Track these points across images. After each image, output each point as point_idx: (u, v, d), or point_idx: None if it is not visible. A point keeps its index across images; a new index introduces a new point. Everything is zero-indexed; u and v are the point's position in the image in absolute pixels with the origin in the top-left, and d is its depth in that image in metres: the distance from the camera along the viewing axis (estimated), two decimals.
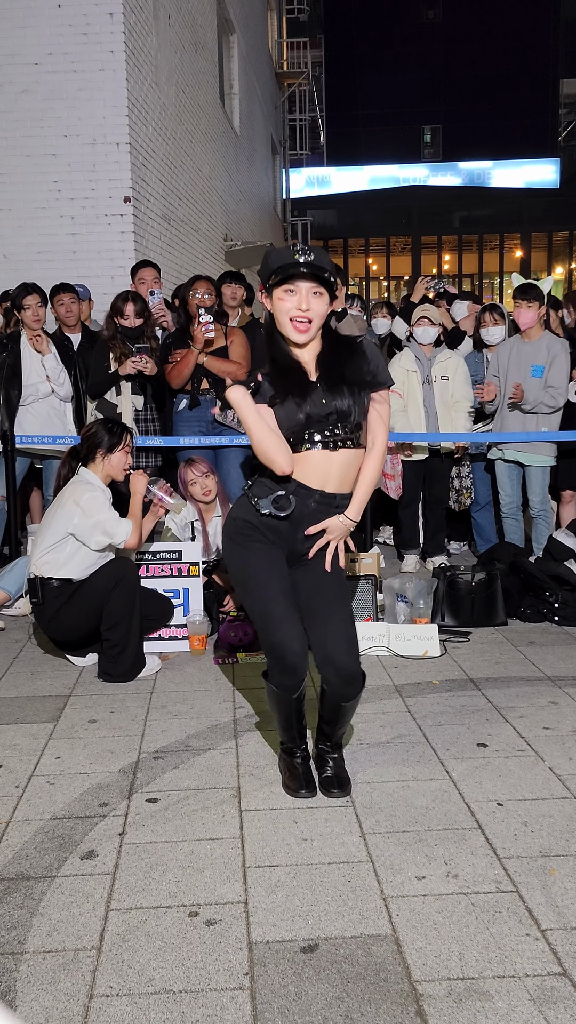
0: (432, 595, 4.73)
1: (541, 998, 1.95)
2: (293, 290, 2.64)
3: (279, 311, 2.68)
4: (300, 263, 2.61)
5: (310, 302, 2.64)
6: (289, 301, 2.65)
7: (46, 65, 8.12)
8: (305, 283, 2.63)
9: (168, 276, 8.50)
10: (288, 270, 2.61)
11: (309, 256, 2.63)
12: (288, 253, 2.65)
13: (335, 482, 2.75)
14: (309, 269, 2.61)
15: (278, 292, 2.66)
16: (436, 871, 2.44)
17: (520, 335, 5.51)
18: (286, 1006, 1.94)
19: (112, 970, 2.07)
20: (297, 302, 2.64)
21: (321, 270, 2.62)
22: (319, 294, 2.65)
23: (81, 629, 4.06)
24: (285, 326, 2.68)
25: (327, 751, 2.96)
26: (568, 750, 3.20)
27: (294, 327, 2.66)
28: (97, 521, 3.97)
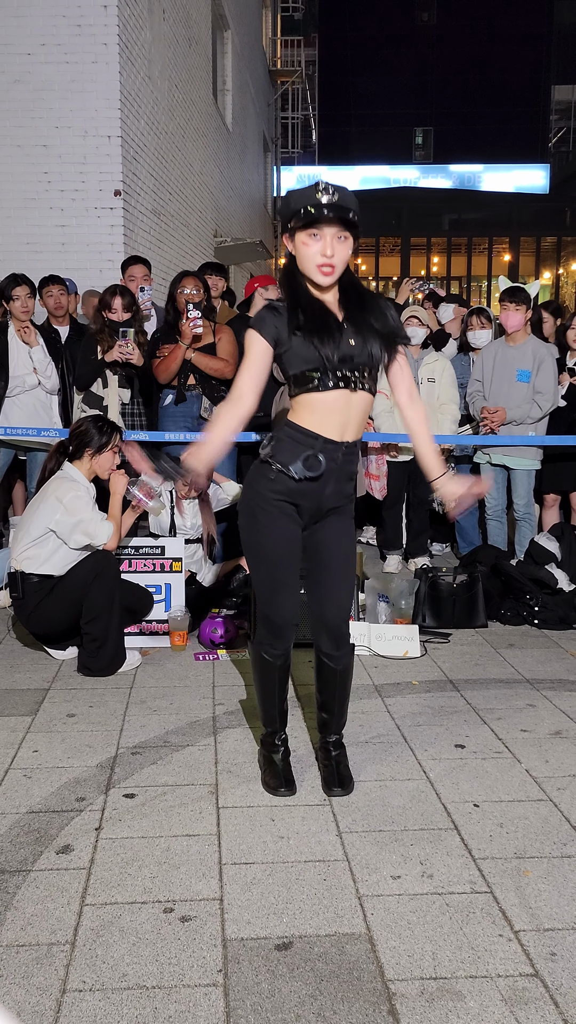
0: (414, 596, 4.75)
1: (513, 999, 1.96)
2: (317, 234, 2.53)
3: (303, 256, 2.57)
4: (324, 205, 2.48)
5: (335, 247, 2.53)
6: (313, 246, 2.54)
7: (39, 56, 8.08)
8: (330, 227, 2.52)
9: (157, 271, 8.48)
10: (311, 214, 2.49)
11: (333, 196, 2.49)
12: (311, 192, 2.51)
13: (354, 428, 2.68)
14: (333, 212, 2.48)
15: (301, 236, 2.55)
16: (411, 871, 2.45)
17: (505, 338, 5.53)
18: (259, 1003, 1.95)
19: (85, 965, 2.07)
20: (322, 248, 2.53)
21: (346, 211, 2.50)
22: (344, 238, 2.55)
23: (61, 623, 4.04)
24: (310, 270, 2.58)
25: (330, 746, 2.96)
26: (545, 752, 3.22)
27: (320, 271, 2.56)
28: (79, 520, 3.96)
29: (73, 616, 3.99)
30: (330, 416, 2.64)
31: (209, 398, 5.21)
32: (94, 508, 4.04)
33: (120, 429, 4.28)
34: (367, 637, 4.34)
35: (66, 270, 7.00)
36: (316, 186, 2.53)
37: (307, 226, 2.53)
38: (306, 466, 2.65)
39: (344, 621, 2.86)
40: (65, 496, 3.99)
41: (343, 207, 2.51)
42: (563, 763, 3.14)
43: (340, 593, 2.82)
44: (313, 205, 2.50)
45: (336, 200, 2.50)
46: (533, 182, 33.91)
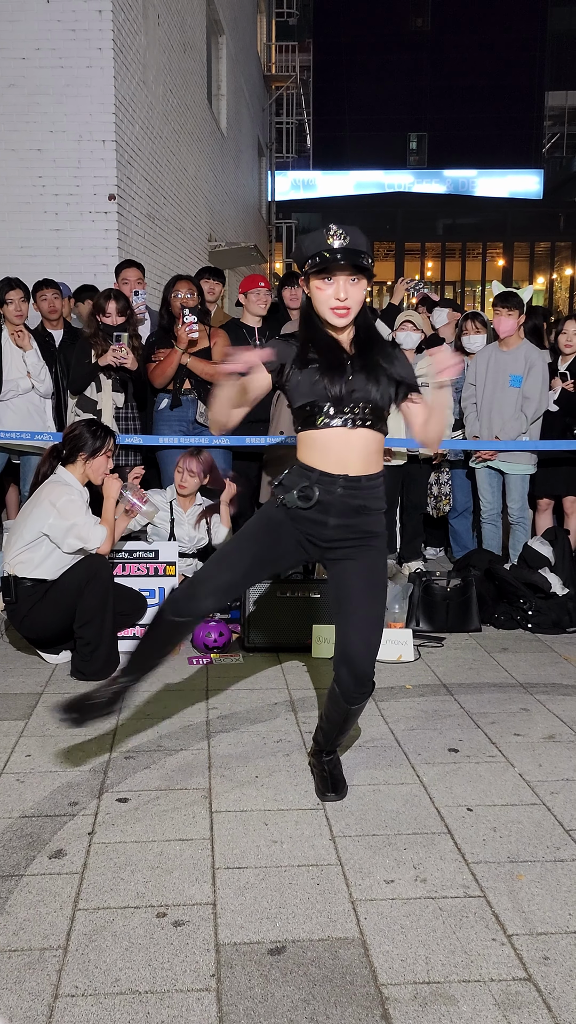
0: (407, 600, 4.75)
1: (506, 1003, 1.96)
2: (330, 280, 2.57)
3: (318, 300, 2.61)
4: (335, 250, 2.52)
5: (348, 291, 2.57)
6: (327, 290, 2.59)
7: (33, 60, 8.09)
8: (342, 272, 2.56)
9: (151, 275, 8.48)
10: (325, 260, 2.53)
11: (344, 240, 2.54)
12: (321, 237, 2.56)
13: (357, 464, 2.69)
14: (345, 258, 2.52)
15: (315, 281, 2.60)
16: (405, 875, 2.45)
17: (498, 343, 5.54)
18: (252, 1008, 1.94)
19: (78, 970, 2.06)
20: (335, 291, 2.58)
21: (357, 256, 2.54)
22: (356, 280, 2.59)
23: (54, 627, 4.04)
24: (324, 313, 2.63)
25: (325, 754, 2.95)
26: (538, 756, 3.23)
27: (335, 314, 2.61)
28: (72, 524, 3.95)
29: (66, 620, 3.99)
30: (328, 451, 2.68)
31: (204, 403, 5.21)
32: (87, 512, 4.03)
33: (114, 433, 4.28)
34: None
35: (60, 274, 7.01)
36: (328, 230, 2.57)
37: (320, 272, 2.58)
38: (299, 496, 2.70)
39: (368, 660, 2.73)
40: (59, 500, 3.98)
41: (354, 251, 2.55)
42: (556, 767, 3.14)
43: (364, 624, 2.72)
44: (327, 251, 2.54)
45: (347, 244, 2.54)
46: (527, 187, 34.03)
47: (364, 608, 2.72)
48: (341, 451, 2.68)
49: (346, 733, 2.93)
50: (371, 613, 2.74)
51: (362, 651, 2.70)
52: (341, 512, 2.71)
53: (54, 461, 4.18)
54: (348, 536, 2.74)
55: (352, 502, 2.71)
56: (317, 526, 2.73)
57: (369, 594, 2.74)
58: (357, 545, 2.75)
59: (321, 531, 2.73)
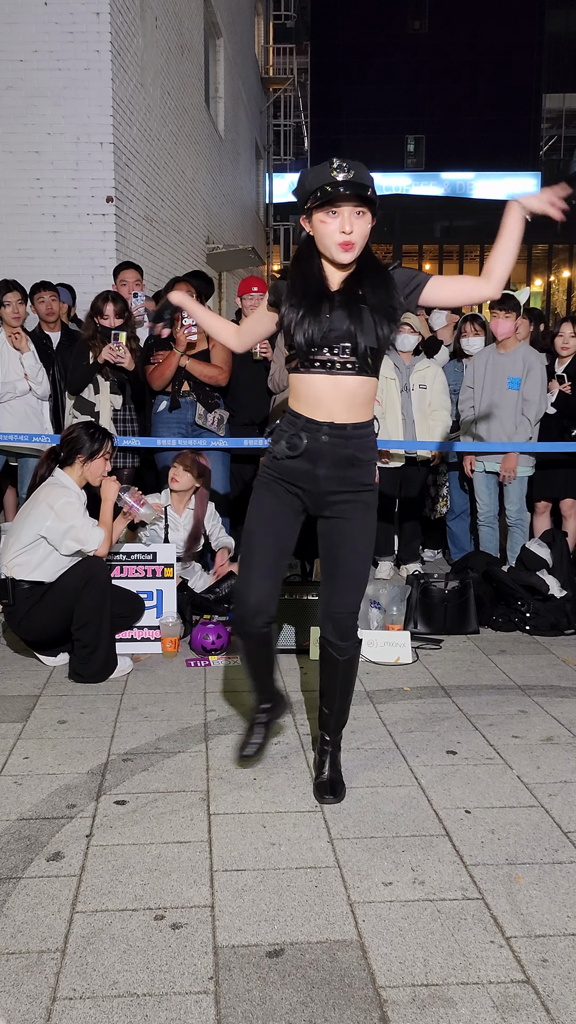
0: (405, 602, 4.75)
1: (504, 1005, 1.96)
2: (335, 212, 2.52)
3: (321, 234, 2.56)
4: (339, 182, 2.47)
5: (354, 223, 2.52)
6: (332, 224, 2.53)
7: (31, 62, 8.09)
8: (347, 204, 2.51)
9: (149, 277, 8.49)
10: (328, 193, 2.48)
11: (348, 173, 2.48)
12: (325, 171, 2.51)
13: (343, 411, 2.65)
14: (350, 189, 2.47)
15: (319, 215, 2.54)
16: (403, 877, 2.45)
17: (496, 345, 5.55)
18: (250, 1011, 1.94)
19: (76, 973, 2.06)
20: (340, 224, 2.52)
21: (363, 188, 2.49)
22: (362, 213, 2.54)
23: (52, 629, 4.03)
24: (329, 248, 2.57)
25: (326, 747, 2.96)
26: (536, 759, 3.23)
27: (341, 248, 2.54)
28: (70, 527, 3.95)
29: (64, 622, 3.98)
30: (312, 397, 2.65)
31: (203, 405, 5.21)
32: (85, 514, 4.03)
33: (112, 436, 4.28)
34: None
35: (58, 276, 7.01)
36: (331, 164, 2.52)
37: (324, 205, 2.52)
38: (288, 445, 2.68)
39: (351, 614, 2.84)
40: (56, 502, 3.98)
41: (360, 184, 2.50)
42: (554, 769, 3.14)
43: (348, 586, 2.80)
44: (329, 184, 2.49)
45: (352, 177, 2.50)
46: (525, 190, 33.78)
47: (351, 568, 2.79)
48: (325, 397, 2.64)
49: (347, 701, 2.96)
50: (357, 573, 2.81)
51: (345, 606, 2.81)
52: (331, 462, 2.68)
53: (52, 463, 4.18)
54: (340, 489, 2.73)
55: (341, 451, 2.68)
56: (309, 478, 2.71)
57: (357, 555, 2.79)
58: (350, 500, 2.75)
59: (313, 483, 2.72)
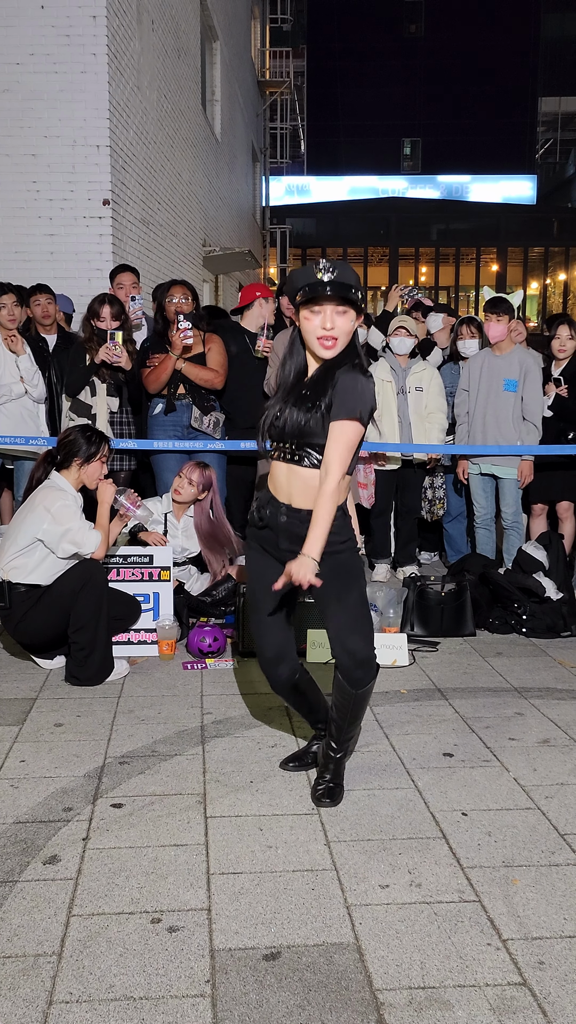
0: (402, 604, 4.75)
1: (501, 1007, 1.96)
2: (318, 310, 2.65)
3: (305, 330, 2.70)
4: (324, 283, 2.61)
5: (335, 320, 2.64)
6: (314, 320, 2.66)
7: (28, 65, 8.09)
8: (329, 303, 2.63)
9: (146, 280, 8.48)
10: (312, 292, 2.62)
11: (332, 273, 2.62)
12: (311, 271, 2.65)
13: (298, 498, 2.75)
14: (333, 290, 2.60)
15: (304, 312, 2.68)
16: (400, 880, 2.45)
17: (491, 348, 5.55)
18: (247, 1014, 1.94)
19: (72, 976, 2.06)
20: (322, 321, 2.64)
21: (345, 289, 2.61)
22: (344, 312, 2.65)
23: (48, 632, 4.03)
24: (312, 344, 2.70)
25: (331, 752, 2.94)
26: (533, 761, 3.23)
27: (321, 344, 2.68)
28: (67, 529, 3.95)
29: (61, 625, 3.98)
30: (277, 481, 2.81)
31: (199, 408, 5.21)
32: (82, 517, 4.03)
33: (108, 439, 4.28)
34: None
35: (55, 279, 7.00)
36: (317, 264, 2.65)
37: (308, 302, 2.65)
38: (257, 515, 2.85)
39: (368, 648, 2.83)
40: (53, 505, 3.98)
41: (342, 284, 2.61)
42: (551, 771, 3.14)
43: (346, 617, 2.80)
44: (312, 284, 2.63)
45: (336, 277, 2.61)
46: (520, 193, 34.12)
47: (346, 608, 2.81)
48: (284, 481, 2.78)
49: (357, 723, 2.96)
50: (355, 609, 2.83)
51: (360, 643, 2.82)
52: (288, 538, 2.78)
53: (48, 466, 4.17)
54: None
55: (297, 530, 2.74)
56: (273, 547, 2.85)
57: (345, 595, 2.82)
58: None
59: (278, 552, 2.83)
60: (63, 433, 4.29)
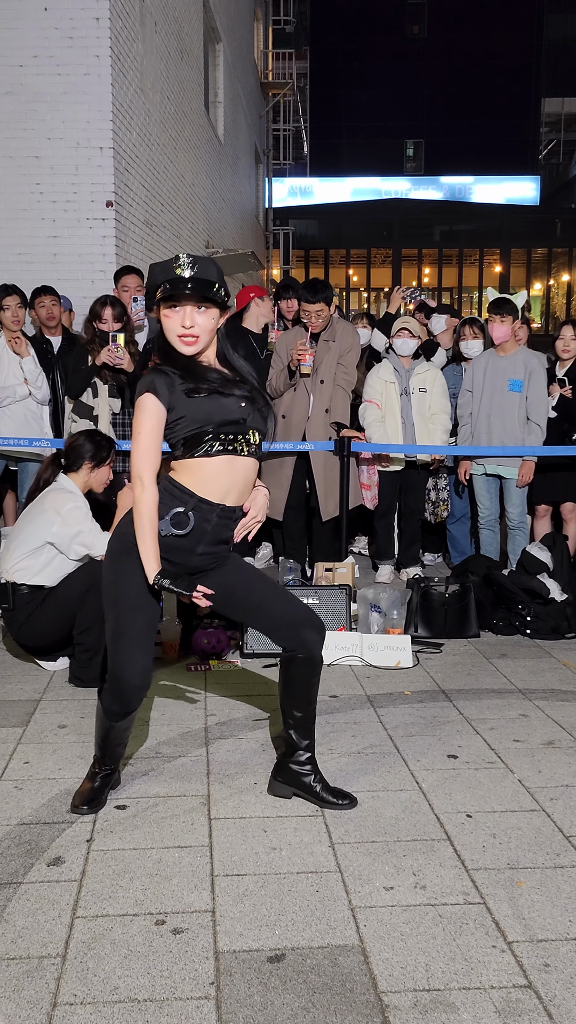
0: (406, 606, 4.74)
1: (506, 1010, 1.96)
2: (177, 307, 2.53)
3: (166, 328, 2.58)
4: (183, 279, 2.49)
5: (194, 319, 2.53)
6: (174, 318, 2.55)
7: (31, 67, 8.10)
8: (188, 301, 2.52)
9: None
10: (171, 289, 2.50)
11: (193, 269, 2.50)
12: (170, 266, 2.52)
13: (236, 494, 2.67)
14: (193, 287, 2.49)
15: (164, 309, 2.56)
16: (404, 882, 2.44)
17: (495, 349, 5.55)
18: (251, 1016, 1.94)
19: (77, 978, 2.05)
20: (181, 319, 2.53)
21: (207, 287, 2.50)
22: (205, 309, 2.55)
23: (53, 634, 4.03)
24: (174, 342, 2.58)
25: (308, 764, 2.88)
26: (537, 763, 3.22)
27: (183, 342, 2.56)
28: (78, 531, 3.95)
29: (65, 627, 3.98)
30: (213, 480, 2.62)
31: None
32: (92, 519, 4.03)
33: (115, 443, 4.29)
34: (359, 647, 4.33)
35: (58, 280, 7.01)
36: (176, 260, 2.53)
37: (167, 299, 2.53)
38: (173, 523, 2.61)
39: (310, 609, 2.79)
40: (63, 507, 3.98)
41: (202, 280, 2.50)
42: (556, 773, 3.13)
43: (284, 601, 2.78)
44: (171, 280, 2.51)
45: (196, 274, 2.50)
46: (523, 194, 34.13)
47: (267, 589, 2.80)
48: (226, 480, 2.62)
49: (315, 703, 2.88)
50: (275, 588, 2.83)
51: (302, 609, 2.79)
52: (209, 542, 2.67)
53: (56, 468, 4.18)
54: (210, 563, 2.75)
55: (223, 532, 2.68)
56: (183, 554, 2.66)
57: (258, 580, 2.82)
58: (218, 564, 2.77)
59: (188, 559, 2.68)
60: (72, 436, 4.29)
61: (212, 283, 2.52)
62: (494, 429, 5.49)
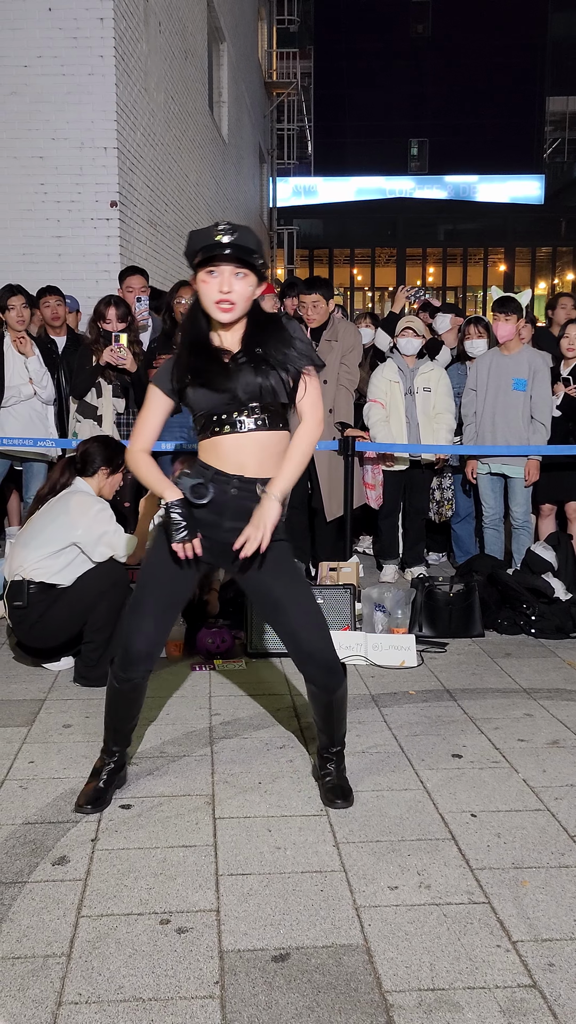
0: (410, 605, 4.74)
1: (511, 1010, 1.95)
2: (215, 272, 2.53)
3: (202, 294, 2.57)
4: (222, 244, 2.49)
5: (232, 284, 2.53)
6: (211, 283, 2.54)
7: (35, 68, 8.11)
8: (228, 265, 2.52)
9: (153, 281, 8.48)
10: (209, 252, 2.50)
11: (232, 235, 2.50)
12: (210, 233, 2.53)
13: (253, 466, 2.66)
14: (232, 252, 2.49)
15: (201, 274, 2.55)
16: (409, 881, 2.44)
17: (499, 348, 5.55)
18: (256, 1015, 1.94)
19: (81, 977, 2.06)
20: (219, 284, 2.53)
21: (246, 252, 2.51)
22: (243, 275, 2.55)
23: (64, 634, 4.02)
24: (209, 307, 2.58)
25: (329, 758, 2.93)
26: (542, 762, 3.22)
27: (219, 308, 2.56)
28: (104, 532, 3.97)
29: (77, 627, 3.97)
30: (225, 456, 2.66)
31: None
32: (115, 521, 4.07)
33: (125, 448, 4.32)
34: (363, 647, 4.33)
35: (62, 280, 7.02)
36: (216, 226, 2.55)
37: (204, 264, 2.54)
38: (194, 495, 2.65)
39: (328, 648, 2.74)
40: (90, 510, 4.00)
41: (241, 246, 2.51)
42: (560, 773, 3.13)
43: (304, 614, 2.72)
44: (211, 244, 2.52)
45: (236, 239, 2.51)
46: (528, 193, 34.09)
47: (296, 601, 2.72)
48: (237, 455, 2.65)
49: (344, 720, 2.92)
50: (306, 602, 2.74)
51: (318, 642, 2.72)
52: (235, 513, 2.67)
53: (71, 473, 4.17)
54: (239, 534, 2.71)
55: (246, 503, 2.67)
56: (212, 528, 2.69)
57: (293, 586, 2.74)
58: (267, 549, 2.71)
59: (216, 533, 2.70)
60: (87, 442, 4.28)
61: (251, 250, 2.54)
62: (498, 428, 5.48)
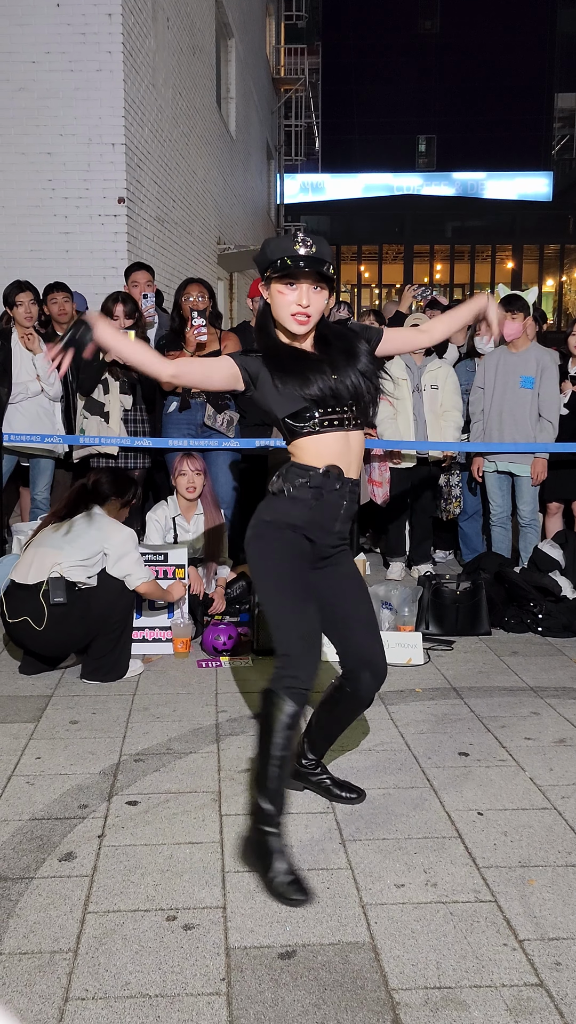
0: (417, 603, 4.74)
1: (517, 1008, 1.95)
2: (294, 284, 2.52)
3: (278, 304, 2.55)
4: (301, 257, 2.49)
5: (311, 298, 2.52)
6: (289, 295, 2.53)
7: (43, 64, 8.11)
8: (306, 279, 2.52)
9: (160, 278, 8.50)
10: (288, 266, 2.49)
11: (311, 248, 2.50)
12: (288, 243, 2.52)
13: (355, 466, 2.65)
14: (310, 266, 2.49)
15: (278, 285, 2.54)
16: (415, 879, 2.44)
17: (506, 346, 5.53)
18: (262, 1012, 1.94)
19: (88, 973, 2.06)
20: (298, 297, 2.52)
21: (322, 264, 2.51)
22: (320, 289, 2.54)
23: (75, 644, 4.04)
24: (284, 318, 2.57)
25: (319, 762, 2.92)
26: (549, 760, 3.21)
27: (295, 320, 2.56)
28: (127, 553, 4.03)
29: (89, 638, 4.00)
30: (327, 453, 2.59)
31: (213, 405, 5.21)
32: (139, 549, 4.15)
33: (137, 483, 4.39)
34: None
35: (70, 277, 7.02)
36: (295, 236, 2.54)
37: (283, 277, 2.53)
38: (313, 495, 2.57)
39: (385, 659, 2.73)
40: (123, 530, 4.07)
41: (320, 260, 2.51)
42: (567, 771, 3.13)
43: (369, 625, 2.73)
44: (290, 256, 2.50)
45: (313, 253, 2.51)
46: (536, 190, 33.98)
47: (365, 611, 2.74)
48: (341, 454, 2.60)
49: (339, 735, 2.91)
50: (371, 615, 2.77)
51: (379, 652, 2.71)
52: (346, 516, 2.67)
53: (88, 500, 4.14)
54: (340, 542, 2.72)
55: (351, 506, 2.67)
56: (321, 531, 2.62)
57: (363, 597, 2.76)
58: (341, 551, 2.74)
59: (325, 538, 2.64)
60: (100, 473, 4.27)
61: (327, 262, 2.54)
62: (506, 426, 5.47)
